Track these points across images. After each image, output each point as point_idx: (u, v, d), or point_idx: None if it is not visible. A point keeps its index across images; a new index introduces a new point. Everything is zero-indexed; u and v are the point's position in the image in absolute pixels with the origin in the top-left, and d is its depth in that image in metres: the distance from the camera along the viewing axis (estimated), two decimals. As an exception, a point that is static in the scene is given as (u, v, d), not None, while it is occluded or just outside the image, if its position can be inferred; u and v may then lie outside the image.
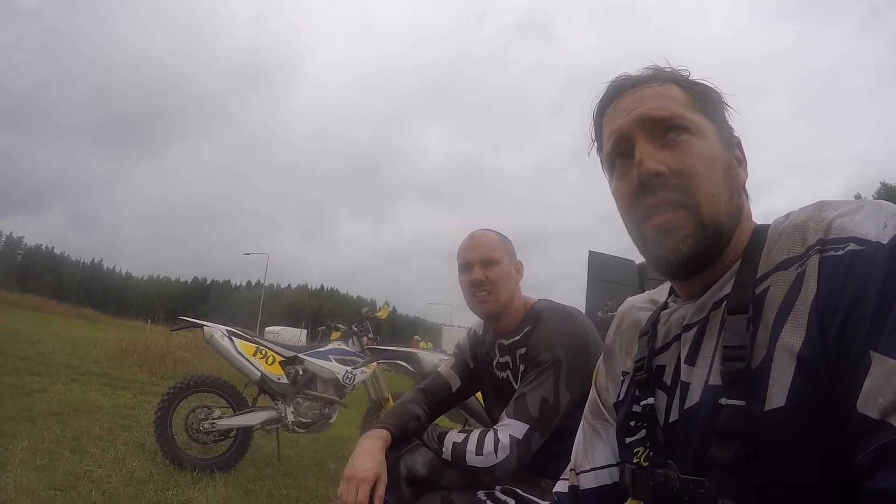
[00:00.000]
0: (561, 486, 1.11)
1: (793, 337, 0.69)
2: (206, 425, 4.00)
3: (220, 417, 4.06)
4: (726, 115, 0.90)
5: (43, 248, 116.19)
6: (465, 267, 1.83)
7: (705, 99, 0.88)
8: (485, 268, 1.79)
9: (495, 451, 1.52)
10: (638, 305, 1.07)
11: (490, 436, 1.55)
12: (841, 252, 0.68)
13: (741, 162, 0.89)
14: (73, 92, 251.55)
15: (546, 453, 1.58)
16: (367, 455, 1.54)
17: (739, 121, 0.91)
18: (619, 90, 0.91)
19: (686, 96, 0.87)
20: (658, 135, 0.85)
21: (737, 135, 0.90)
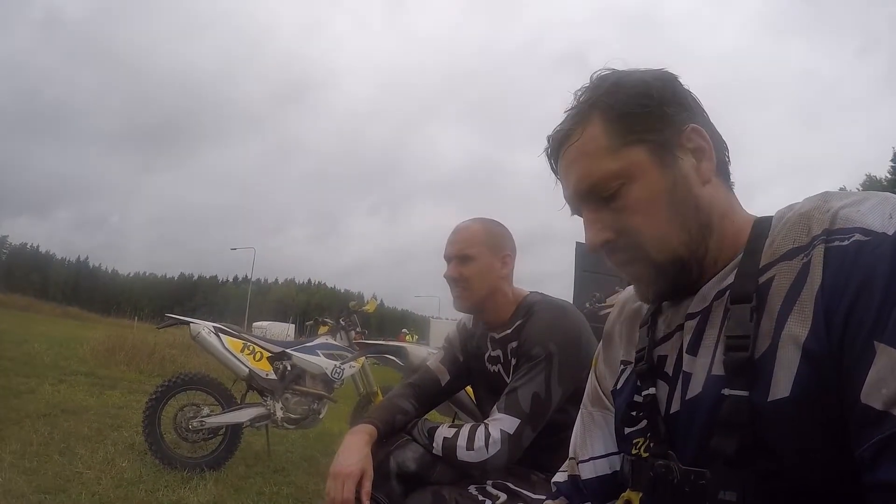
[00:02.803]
0: (560, 477, 1.10)
1: (798, 327, 0.69)
2: (194, 423, 3.98)
3: (208, 415, 4.03)
4: (671, 110, 0.85)
5: (28, 246, 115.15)
6: (447, 261, 1.83)
7: (630, 122, 0.84)
8: (460, 264, 1.78)
9: (486, 445, 1.52)
10: None
11: (481, 430, 1.55)
12: (846, 242, 0.68)
13: (703, 152, 0.85)
14: (92, 99, 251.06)
15: (537, 447, 1.58)
16: (352, 450, 1.53)
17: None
18: (555, 152, 0.93)
19: (607, 136, 0.84)
20: (596, 198, 0.87)
21: (690, 125, 0.85)
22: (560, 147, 0.90)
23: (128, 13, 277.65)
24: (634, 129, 0.84)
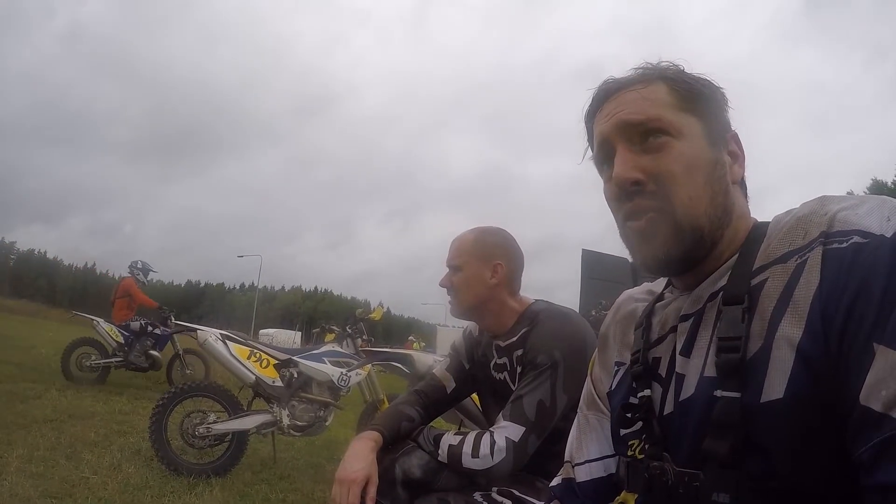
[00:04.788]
0: (555, 481, 1.11)
1: (792, 328, 0.69)
2: (201, 430, 3.99)
3: (215, 422, 4.05)
4: (721, 109, 0.89)
5: (35, 252, 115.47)
6: None
7: (693, 96, 0.87)
8: (451, 273, 1.83)
9: (491, 453, 1.52)
10: (635, 297, 1.07)
11: (486, 438, 1.55)
12: (845, 245, 0.68)
13: (736, 157, 0.89)
14: (111, 110, 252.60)
15: (542, 454, 1.58)
16: (357, 456, 1.54)
17: (750, 128, 0.91)
18: (606, 94, 0.91)
19: (671, 96, 0.86)
20: (637, 139, 0.86)
21: (733, 129, 0.90)
22: (614, 91, 0.90)
23: (148, 25, 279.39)
24: (695, 104, 0.87)
